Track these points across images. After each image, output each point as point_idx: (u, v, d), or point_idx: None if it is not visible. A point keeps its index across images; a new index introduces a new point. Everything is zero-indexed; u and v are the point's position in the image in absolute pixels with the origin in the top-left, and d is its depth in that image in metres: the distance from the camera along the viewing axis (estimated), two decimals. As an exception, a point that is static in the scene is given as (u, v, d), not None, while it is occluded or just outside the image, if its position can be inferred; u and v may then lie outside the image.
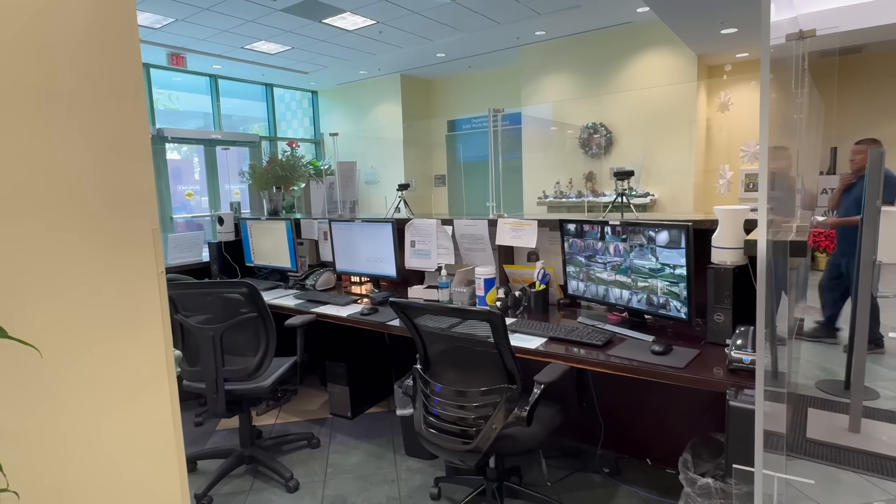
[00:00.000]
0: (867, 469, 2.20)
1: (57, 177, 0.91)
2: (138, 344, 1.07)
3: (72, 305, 0.95)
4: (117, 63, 1.02)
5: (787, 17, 1.78)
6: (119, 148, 1.03)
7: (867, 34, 5.99)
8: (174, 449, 1.15)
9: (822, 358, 3.50)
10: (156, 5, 5.86)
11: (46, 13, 0.89)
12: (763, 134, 0.72)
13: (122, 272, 1.03)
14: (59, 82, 0.92)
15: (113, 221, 1.01)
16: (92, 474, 0.98)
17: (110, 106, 1.01)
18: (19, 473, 0.84)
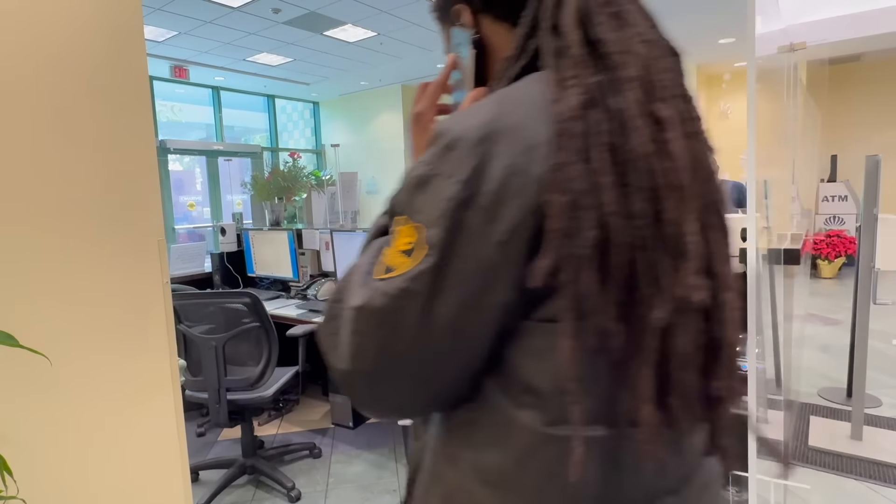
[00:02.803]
0: (869, 477, 2.19)
1: (66, 189, 0.94)
2: (144, 353, 1.09)
3: (80, 315, 0.97)
4: (125, 79, 1.05)
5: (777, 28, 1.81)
6: (126, 161, 1.05)
7: (864, 43, 6.05)
8: (178, 458, 1.16)
9: (824, 365, 3.50)
10: (159, 19, 5.95)
11: (57, 34, 0.92)
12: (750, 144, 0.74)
13: (129, 283, 1.05)
14: (70, 97, 0.94)
15: (120, 233, 1.03)
16: (97, 483, 0.99)
17: (118, 120, 1.04)
18: (27, 480, 0.85)
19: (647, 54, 0.47)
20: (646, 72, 0.45)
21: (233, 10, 5.77)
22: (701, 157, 0.45)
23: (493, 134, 0.43)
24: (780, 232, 1.79)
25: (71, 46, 0.96)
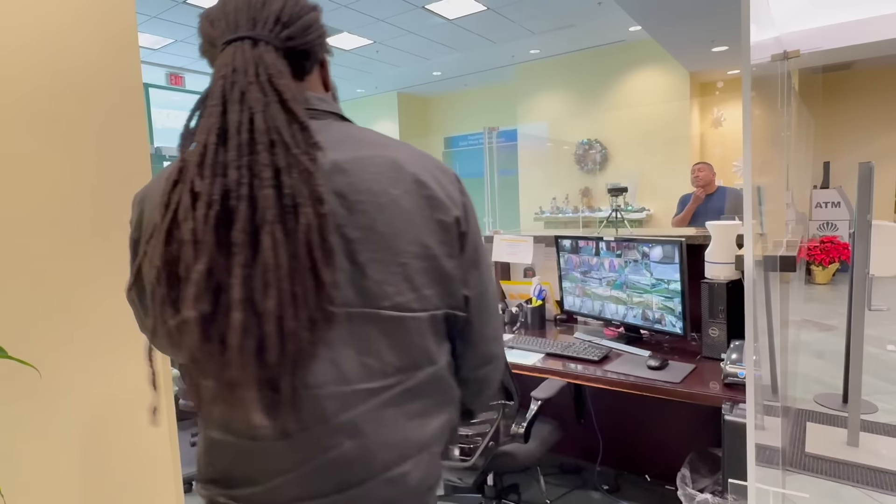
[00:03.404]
0: (866, 483, 2.19)
1: (57, 196, 0.93)
2: (136, 362, 1.08)
3: (70, 324, 0.96)
4: (119, 86, 1.05)
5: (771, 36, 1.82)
6: (119, 168, 1.04)
7: (855, 51, 6.12)
8: (171, 469, 1.15)
9: (820, 371, 3.50)
10: (155, 27, 5.96)
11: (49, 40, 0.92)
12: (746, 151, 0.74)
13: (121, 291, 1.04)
14: (62, 103, 0.94)
15: (113, 241, 1.02)
16: (87, 494, 0.97)
17: (111, 127, 1.03)
18: (15, 493, 0.84)
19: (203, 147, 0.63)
20: (187, 157, 0.63)
21: (229, 18, 5.78)
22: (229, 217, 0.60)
23: (142, 198, 0.72)
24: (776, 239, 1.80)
25: (63, 52, 0.95)
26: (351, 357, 0.66)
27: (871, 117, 7.49)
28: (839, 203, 6.79)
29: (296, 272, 0.60)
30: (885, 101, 7.52)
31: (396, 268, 0.68)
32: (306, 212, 0.60)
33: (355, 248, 0.66)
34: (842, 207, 6.76)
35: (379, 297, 0.66)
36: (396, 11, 5.72)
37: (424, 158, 0.75)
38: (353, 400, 0.66)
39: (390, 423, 0.68)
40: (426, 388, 0.71)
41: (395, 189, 0.69)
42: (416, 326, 0.69)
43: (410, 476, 0.70)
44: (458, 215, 0.73)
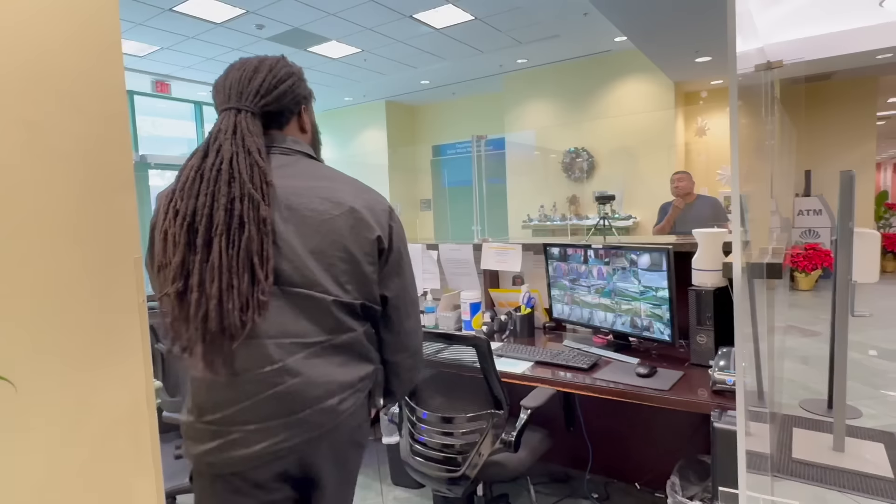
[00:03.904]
0: (852, 488, 2.21)
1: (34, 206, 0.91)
2: (117, 376, 1.05)
3: (49, 337, 0.93)
4: (101, 93, 1.03)
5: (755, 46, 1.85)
6: (101, 176, 1.02)
7: (834, 62, 6.27)
8: (153, 484, 1.12)
9: (805, 377, 3.54)
10: (141, 34, 5.91)
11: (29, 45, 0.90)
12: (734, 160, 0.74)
13: (102, 303, 1.01)
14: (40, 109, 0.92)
15: (93, 250, 1.00)
16: (66, 512, 0.94)
17: (93, 135, 1.01)
18: (-11, 513, 0.81)
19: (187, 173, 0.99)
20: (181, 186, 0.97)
21: (216, 26, 5.76)
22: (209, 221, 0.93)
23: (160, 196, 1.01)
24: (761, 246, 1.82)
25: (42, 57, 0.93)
26: (292, 320, 0.96)
27: (851, 127, 7.67)
28: (821, 211, 6.91)
29: (234, 270, 0.90)
30: (863, 110, 7.70)
31: (327, 265, 0.98)
32: (250, 229, 0.91)
33: (303, 250, 0.97)
34: (823, 215, 6.88)
35: (313, 284, 0.97)
36: (384, 20, 5.74)
37: (363, 192, 1.06)
38: (293, 349, 0.95)
39: (321, 368, 0.97)
40: (346, 347, 1.01)
41: (333, 211, 1.00)
42: (337, 306, 0.99)
43: (338, 408, 0.98)
44: (381, 235, 1.03)
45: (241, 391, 0.94)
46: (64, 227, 0.95)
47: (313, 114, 1.17)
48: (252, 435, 0.94)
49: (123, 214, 1.06)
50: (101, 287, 1.01)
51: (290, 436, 0.95)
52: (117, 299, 1.04)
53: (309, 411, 0.96)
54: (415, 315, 1.13)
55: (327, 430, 0.98)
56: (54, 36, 0.93)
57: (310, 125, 1.14)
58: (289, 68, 1.11)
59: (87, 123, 1.01)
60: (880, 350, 4.04)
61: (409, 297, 1.10)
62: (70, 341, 0.96)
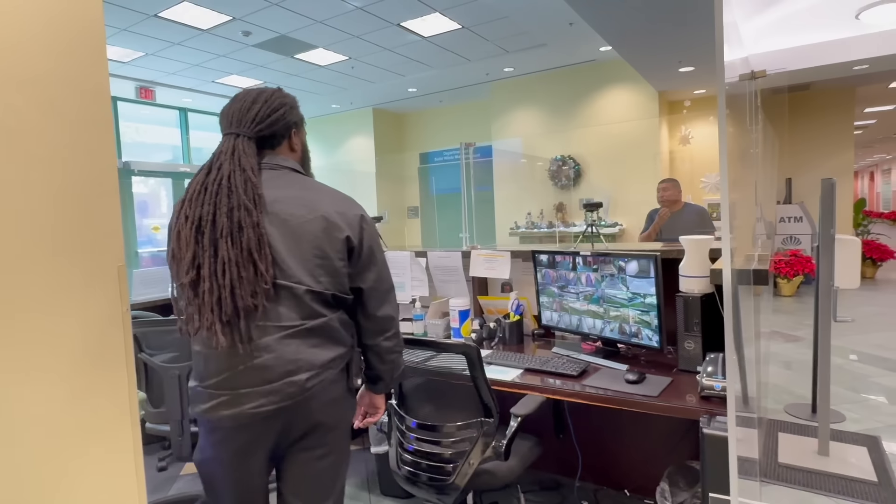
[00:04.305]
0: (837, 492, 2.23)
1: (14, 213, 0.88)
2: (100, 387, 1.03)
3: (29, 347, 0.91)
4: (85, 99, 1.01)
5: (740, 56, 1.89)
6: (84, 183, 1.00)
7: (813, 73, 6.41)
8: (136, 497, 1.09)
9: (789, 382, 3.59)
10: (125, 40, 5.85)
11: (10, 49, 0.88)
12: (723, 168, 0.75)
13: (85, 311, 0.99)
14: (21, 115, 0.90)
15: (76, 258, 0.98)
16: (45, 529, 0.92)
17: (76, 141, 0.99)
18: (-36, 532, 0.78)
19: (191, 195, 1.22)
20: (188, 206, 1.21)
21: (202, 32, 5.72)
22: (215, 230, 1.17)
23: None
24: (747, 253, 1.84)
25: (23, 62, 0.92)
26: (272, 307, 1.18)
27: (830, 136, 7.84)
28: (801, 218, 7.04)
29: (241, 264, 1.14)
30: (842, 120, 7.89)
31: (303, 261, 1.21)
32: (248, 231, 1.15)
33: (285, 250, 1.20)
34: (804, 222, 7.01)
35: (290, 276, 1.19)
36: (372, 28, 5.76)
37: (338, 201, 1.28)
38: (271, 331, 1.18)
39: (293, 347, 1.19)
40: (318, 330, 1.22)
41: (308, 216, 1.22)
42: (310, 295, 1.21)
43: (306, 383, 1.19)
44: (350, 235, 1.25)
45: (229, 363, 1.18)
46: (45, 235, 0.93)
47: (304, 135, 1.41)
48: (237, 398, 1.17)
49: (107, 222, 1.04)
50: (83, 296, 0.99)
51: (267, 402, 1.17)
52: (100, 308, 1.02)
53: (280, 383, 1.17)
54: (388, 303, 1.33)
55: (298, 401, 1.19)
56: (36, 41, 0.91)
57: (300, 145, 1.38)
58: (282, 99, 1.32)
59: (70, 129, 0.99)
60: (860, 354, 4.11)
61: (381, 287, 1.31)
62: (51, 351, 0.93)
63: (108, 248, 1.04)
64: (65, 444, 0.96)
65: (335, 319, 1.25)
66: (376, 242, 1.31)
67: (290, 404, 1.18)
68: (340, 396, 1.27)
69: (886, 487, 2.25)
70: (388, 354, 1.34)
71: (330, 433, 1.27)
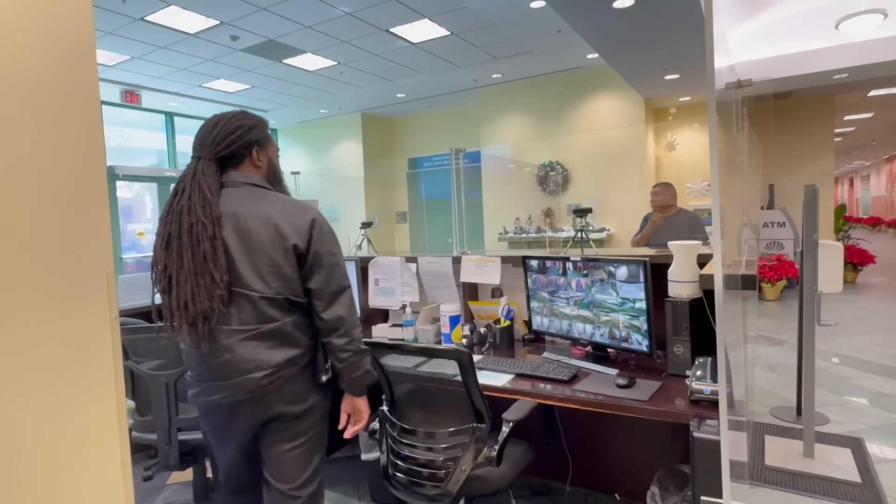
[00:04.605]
0: (822, 494, 2.26)
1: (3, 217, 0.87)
2: (87, 396, 1.01)
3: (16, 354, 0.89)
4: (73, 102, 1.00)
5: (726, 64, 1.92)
6: (73, 189, 0.99)
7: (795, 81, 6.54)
8: (124, 508, 1.07)
9: (774, 385, 3.64)
10: (111, 43, 5.79)
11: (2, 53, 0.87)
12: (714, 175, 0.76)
13: (73, 319, 0.97)
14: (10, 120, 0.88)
15: (64, 264, 0.96)
16: (31, 542, 0.90)
17: (65, 145, 0.98)
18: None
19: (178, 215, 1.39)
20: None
21: (189, 37, 5.68)
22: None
23: None
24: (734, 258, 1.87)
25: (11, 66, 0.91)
26: (233, 312, 1.36)
27: (810, 143, 8.00)
28: (784, 223, 7.16)
29: (199, 273, 1.32)
30: (822, 127, 8.06)
31: (256, 269, 1.37)
32: (205, 244, 1.33)
33: (241, 259, 1.37)
34: (787, 227, 7.13)
35: (245, 284, 1.36)
36: (361, 34, 5.76)
37: (289, 211, 1.42)
38: (231, 334, 1.36)
39: (250, 349, 1.36)
40: (272, 334, 1.38)
41: (260, 228, 1.38)
42: (263, 301, 1.37)
43: (261, 380, 1.36)
44: (297, 243, 1.38)
45: (200, 359, 1.39)
46: (34, 241, 0.92)
47: (272, 151, 1.54)
48: (208, 389, 1.40)
49: (96, 227, 1.03)
50: (71, 302, 0.97)
51: (229, 394, 1.38)
52: (88, 314, 1.00)
53: (239, 379, 1.36)
54: (337, 304, 1.43)
55: (256, 395, 1.37)
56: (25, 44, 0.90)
57: (265, 161, 1.50)
58: (241, 121, 1.46)
59: (57, 133, 0.98)
60: (842, 357, 4.18)
61: (329, 288, 1.41)
62: (38, 358, 0.92)
63: (97, 254, 1.02)
64: (51, 454, 0.94)
65: (289, 323, 1.40)
66: (325, 246, 1.42)
67: (248, 398, 1.38)
68: (302, 389, 1.44)
69: (869, 489, 2.28)
70: (340, 353, 1.43)
71: (296, 421, 1.44)
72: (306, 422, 1.46)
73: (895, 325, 5.23)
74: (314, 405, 1.47)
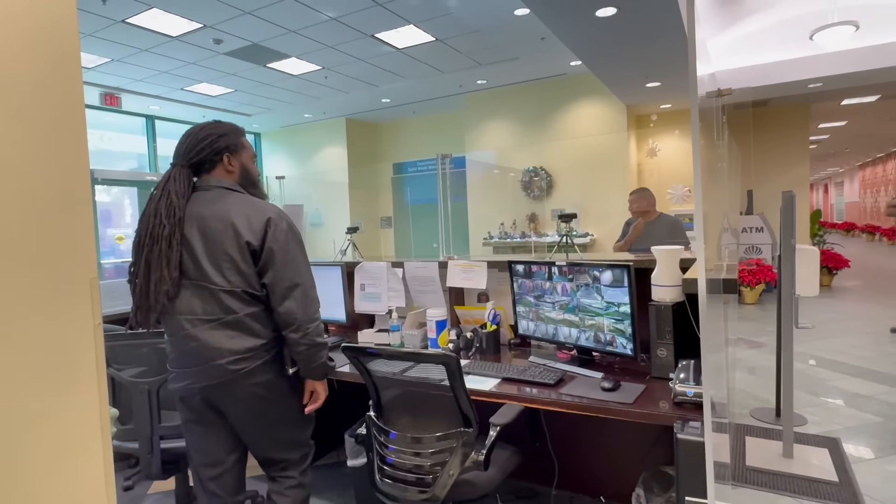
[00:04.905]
0: (802, 493, 2.31)
1: (-13, 225, 0.85)
2: (71, 404, 0.99)
3: (-3, 364, 0.87)
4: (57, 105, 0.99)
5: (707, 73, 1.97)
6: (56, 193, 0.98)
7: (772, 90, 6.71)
8: (107, 518, 1.05)
9: (754, 387, 3.70)
10: (91, 45, 5.70)
11: (-16, 55, 0.86)
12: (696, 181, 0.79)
13: (57, 325, 0.96)
14: (-5, 126, 0.87)
15: (48, 270, 0.95)
16: (11, 554, 0.88)
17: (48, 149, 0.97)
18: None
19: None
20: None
21: (171, 39, 5.62)
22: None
23: None
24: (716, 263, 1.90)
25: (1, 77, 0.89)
26: (197, 303, 1.52)
27: (787, 150, 8.20)
28: (762, 228, 7.31)
29: (153, 268, 1.49)
30: (797, 135, 8.27)
31: (216, 264, 1.51)
32: (162, 244, 1.49)
33: (203, 256, 1.52)
34: (765, 232, 7.28)
35: (206, 278, 1.51)
36: (346, 39, 5.76)
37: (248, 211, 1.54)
38: (196, 323, 1.51)
39: (215, 337, 1.51)
40: (233, 324, 1.52)
41: (219, 226, 1.52)
42: (223, 293, 1.51)
43: (228, 366, 1.50)
44: (250, 240, 1.51)
45: (174, 347, 1.57)
46: (15, 246, 0.90)
47: (245, 157, 1.67)
48: (180, 374, 1.56)
49: (79, 232, 1.01)
50: (52, 311, 0.96)
51: (198, 380, 1.53)
52: (71, 321, 0.99)
53: (207, 365, 1.50)
54: (290, 299, 1.53)
55: (224, 381, 1.51)
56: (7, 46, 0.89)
57: (237, 166, 1.64)
58: (211, 130, 1.61)
59: (42, 138, 0.96)
60: (819, 359, 4.28)
61: (281, 284, 1.52)
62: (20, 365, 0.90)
63: (81, 260, 1.01)
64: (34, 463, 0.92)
65: (249, 315, 1.53)
66: (279, 244, 1.53)
67: (215, 384, 1.51)
68: (268, 380, 1.57)
69: (846, 487, 2.34)
70: (295, 346, 1.55)
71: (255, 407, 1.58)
72: (278, 408, 1.63)
73: (869, 327, 5.36)
74: (284, 394, 1.63)
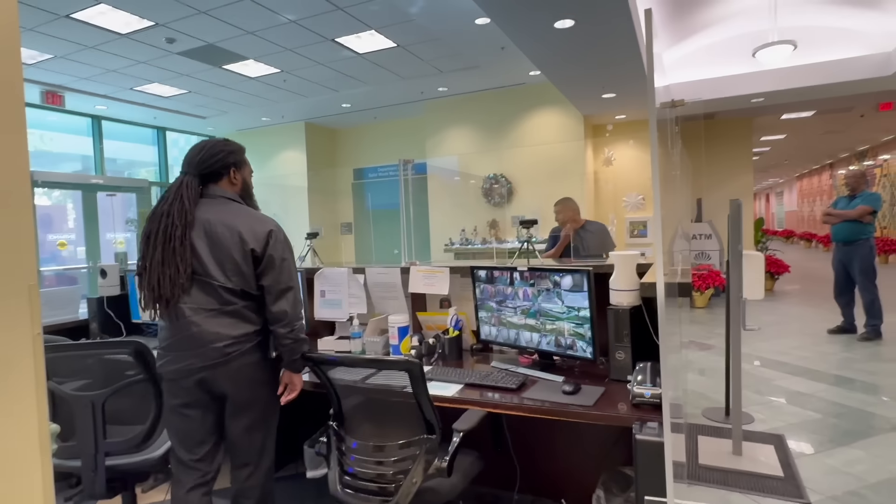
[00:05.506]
0: (751, 489, 2.41)
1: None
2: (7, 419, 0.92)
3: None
4: (-4, 102, 0.93)
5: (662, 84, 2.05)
6: (-7, 195, 0.91)
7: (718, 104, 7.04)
8: (46, 543, 0.98)
9: (704, 387, 3.85)
10: (32, 40, 5.40)
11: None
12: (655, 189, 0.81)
13: (-9, 336, 0.89)
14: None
15: (-19, 278, 0.88)
16: (-65, 587, 0.80)
17: (-16, 148, 0.90)
18: None
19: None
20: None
21: (120, 37, 5.39)
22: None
23: None
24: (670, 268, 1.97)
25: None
26: (200, 295, 1.70)
27: (732, 161, 8.63)
28: (711, 235, 7.64)
29: (167, 264, 1.67)
30: (741, 147, 8.72)
31: (221, 266, 1.71)
32: (174, 243, 1.67)
33: (208, 256, 1.71)
34: (713, 239, 7.61)
35: (211, 276, 1.70)
36: (305, 42, 5.68)
37: (252, 221, 1.76)
38: (199, 312, 1.69)
39: (214, 323, 1.69)
40: (231, 313, 1.72)
41: (226, 233, 1.72)
42: (223, 289, 1.71)
43: (225, 348, 1.69)
44: (253, 247, 1.72)
45: (172, 332, 1.71)
46: (-55, 251, 0.83)
47: (247, 172, 1.93)
48: (177, 357, 1.71)
49: (17, 237, 0.95)
50: (-11, 319, 0.89)
51: (196, 361, 1.68)
52: (8, 330, 0.92)
53: (206, 348, 1.68)
54: (283, 300, 1.73)
55: (220, 362, 1.68)
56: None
57: (240, 180, 1.88)
58: (222, 147, 1.83)
59: (-23, 134, 0.90)
60: (763, 360, 4.49)
61: (276, 287, 1.73)
62: (-52, 383, 0.83)
63: (20, 265, 0.94)
64: (-38, 487, 0.85)
65: (244, 306, 1.74)
66: (278, 252, 1.75)
67: (211, 364, 1.68)
68: (254, 362, 1.75)
69: (790, 481, 2.46)
70: (282, 339, 1.75)
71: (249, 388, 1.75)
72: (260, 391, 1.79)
73: (809, 328, 5.68)
74: (267, 380, 1.81)
